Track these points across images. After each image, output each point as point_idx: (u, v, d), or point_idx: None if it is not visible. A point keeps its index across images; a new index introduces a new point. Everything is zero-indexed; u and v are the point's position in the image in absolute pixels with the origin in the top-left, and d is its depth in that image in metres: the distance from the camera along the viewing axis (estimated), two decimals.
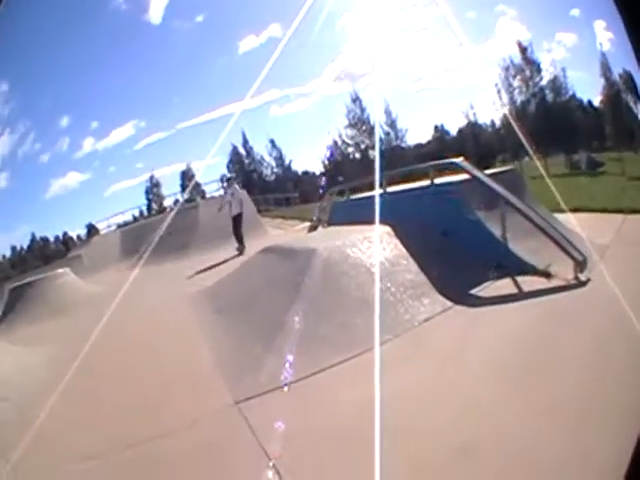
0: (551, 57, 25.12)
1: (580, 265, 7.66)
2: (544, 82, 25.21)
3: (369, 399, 4.74)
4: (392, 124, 25.22)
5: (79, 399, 6.21)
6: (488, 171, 10.88)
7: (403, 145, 25.16)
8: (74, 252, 21.74)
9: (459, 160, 9.62)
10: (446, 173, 10.65)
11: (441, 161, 10.73)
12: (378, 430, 4.17)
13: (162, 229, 15.06)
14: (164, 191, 27.10)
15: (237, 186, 17.62)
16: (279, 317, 6.97)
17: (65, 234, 25.81)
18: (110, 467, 4.83)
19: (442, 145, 25.82)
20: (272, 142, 27.72)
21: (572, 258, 7.73)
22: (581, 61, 24.68)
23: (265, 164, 27.39)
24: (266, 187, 25.77)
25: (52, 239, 25.74)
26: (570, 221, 9.93)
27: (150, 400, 6.03)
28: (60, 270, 14.74)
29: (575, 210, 11.11)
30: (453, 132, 28.25)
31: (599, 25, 23.82)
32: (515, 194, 8.89)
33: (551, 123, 23.15)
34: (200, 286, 10.87)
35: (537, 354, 5.38)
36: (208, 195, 24.06)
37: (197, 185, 24.31)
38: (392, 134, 25.15)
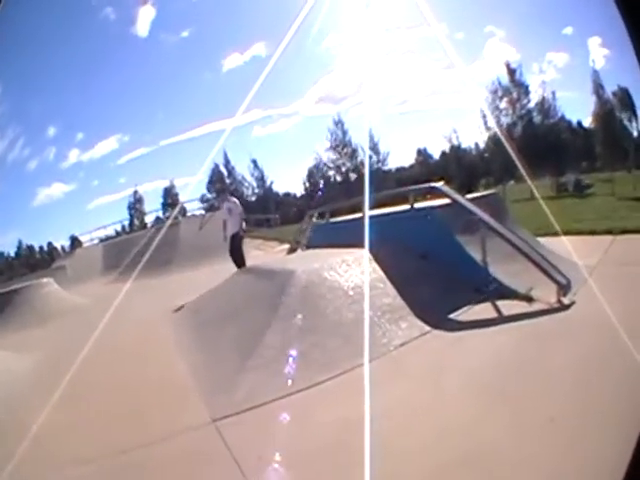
0: (541, 78, 25.53)
1: (563, 288, 7.76)
2: (532, 104, 25.83)
3: (348, 420, 4.94)
4: (375, 147, 25.56)
5: (66, 405, 6.31)
6: (470, 195, 11.07)
7: (385, 168, 25.46)
8: (58, 263, 22.10)
9: (439, 184, 9.81)
10: (428, 197, 10.89)
11: (421, 185, 11.02)
12: (368, 448, 4.29)
13: (151, 248, 15.66)
14: (146, 207, 27.49)
15: (234, 199, 14.76)
16: (257, 337, 7.11)
17: (50, 244, 26.18)
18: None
19: (425, 169, 26.13)
20: (254, 162, 28.08)
21: (555, 281, 7.85)
22: (572, 81, 25.05)
23: (246, 184, 27.70)
24: (247, 207, 25.98)
25: (37, 248, 26.14)
26: (556, 244, 10.16)
27: (130, 414, 6.10)
28: (44, 280, 15.24)
29: (562, 233, 11.35)
30: (436, 155, 28.75)
31: (594, 42, 24.19)
32: (496, 218, 9.03)
33: (538, 146, 23.37)
34: (182, 302, 11.03)
35: (520, 377, 5.47)
36: (189, 213, 24.43)
37: (179, 203, 24.58)
38: (374, 157, 25.48)
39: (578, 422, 4.36)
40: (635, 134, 25.81)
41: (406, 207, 10.18)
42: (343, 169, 26.09)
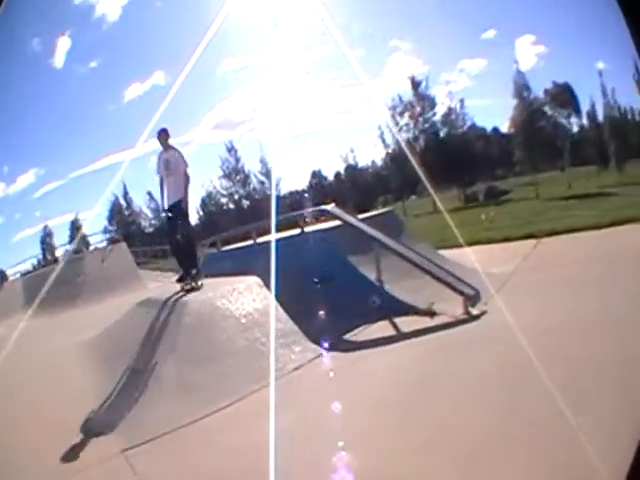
0: (448, 89, 25.97)
1: (470, 299, 8.33)
2: (437, 116, 26.31)
3: (251, 443, 5.36)
4: (267, 173, 26.16)
5: None
6: (364, 215, 11.62)
7: (278, 193, 25.89)
8: None
9: (330, 207, 10.28)
10: (322, 219, 11.40)
11: (311, 209, 11.52)
12: (273, 471, 4.65)
13: (49, 282, 15.29)
14: (57, 240, 27.81)
15: (176, 148, 10.87)
16: (157, 367, 7.51)
17: None
18: None
19: (320, 191, 26.80)
20: (149, 194, 28.47)
21: (459, 293, 8.42)
22: (491, 86, 25.32)
23: (143, 216, 28.10)
24: (145, 239, 26.45)
25: None
26: (467, 255, 10.69)
27: (42, 447, 6.28)
28: None
29: (470, 243, 11.88)
30: (331, 177, 29.55)
31: (524, 41, 24.71)
32: (392, 235, 9.61)
33: (442, 158, 23.65)
34: (87, 336, 11.08)
35: (422, 390, 5.87)
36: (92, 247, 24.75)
37: (83, 236, 24.87)
38: (267, 182, 26.06)
39: (489, 436, 4.65)
40: (575, 129, 26.61)
41: (297, 231, 10.58)
42: (236, 196, 26.65)
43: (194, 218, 27.20)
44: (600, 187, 22.57)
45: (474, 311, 8.23)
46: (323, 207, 10.53)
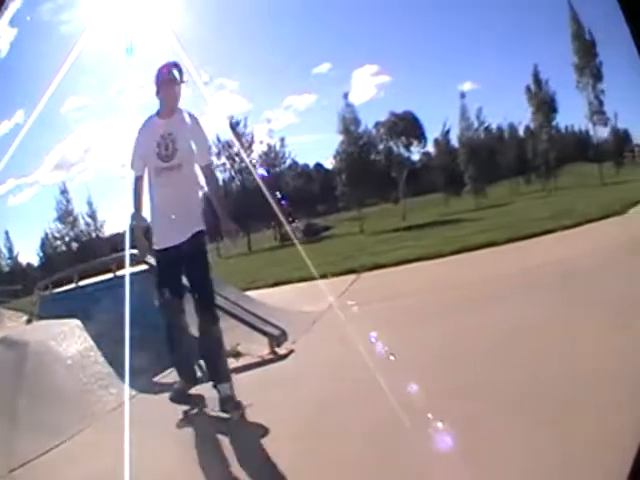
0: (269, 127, 26.58)
1: (276, 339, 9.39)
2: (254, 155, 26.78)
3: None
4: (93, 215, 26.69)
5: None
6: None
7: (102, 235, 26.44)
8: None
9: (136, 251, 10.30)
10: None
11: (119, 254, 11.39)
12: None
13: None
14: None
15: (190, 115, 7.22)
16: (9, 405, 8.05)
17: None
18: None
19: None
20: (6, 233, 28.45)
21: (263, 334, 9.50)
22: (319, 121, 25.68)
23: (1, 255, 28.09)
24: (2, 279, 26.59)
25: None
26: (275, 295, 12.26)
27: None
28: None
29: (284, 282, 13.39)
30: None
31: (364, 72, 24.20)
32: None
33: (257, 198, 21.85)
34: None
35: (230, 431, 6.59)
36: None
37: None
38: (92, 225, 26.61)
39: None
40: (417, 157, 26.72)
41: (110, 276, 11.38)
42: (67, 239, 26.96)
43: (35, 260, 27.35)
44: (448, 215, 23.92)
45: (281, 351, 9.32)
46: (132, 251, 10.53)
